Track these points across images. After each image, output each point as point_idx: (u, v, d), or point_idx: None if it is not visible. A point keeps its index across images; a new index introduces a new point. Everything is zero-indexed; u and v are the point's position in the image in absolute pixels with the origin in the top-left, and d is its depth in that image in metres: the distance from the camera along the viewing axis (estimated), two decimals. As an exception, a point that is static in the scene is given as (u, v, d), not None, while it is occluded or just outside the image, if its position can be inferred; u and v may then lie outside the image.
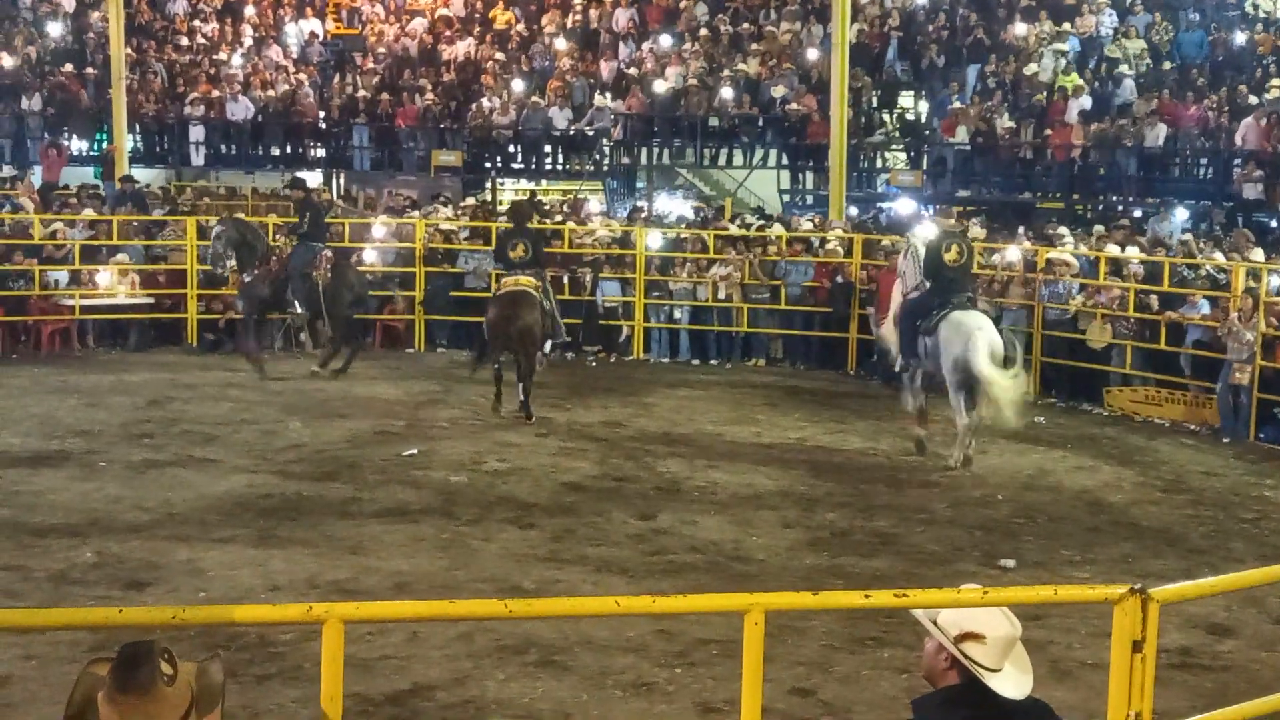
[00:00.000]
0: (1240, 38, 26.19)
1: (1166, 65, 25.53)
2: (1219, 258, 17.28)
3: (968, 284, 14.12)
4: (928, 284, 13.69)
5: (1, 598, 8.94)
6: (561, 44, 29.01)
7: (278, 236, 18.48)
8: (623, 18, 29.42)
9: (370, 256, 20.33)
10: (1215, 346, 15.73)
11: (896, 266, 14.89)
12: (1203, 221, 23.29)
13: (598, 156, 27.59)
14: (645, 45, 28.54)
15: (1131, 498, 12.62)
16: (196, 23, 30.40)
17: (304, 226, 17.46)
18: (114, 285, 19.45)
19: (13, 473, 12.16)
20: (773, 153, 27.15)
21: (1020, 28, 26.86)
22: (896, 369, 14.40)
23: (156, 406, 15.26)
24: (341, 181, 28.46)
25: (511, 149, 27.86)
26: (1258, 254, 17.54)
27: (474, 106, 27.57)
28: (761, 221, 21.72)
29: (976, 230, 20.15)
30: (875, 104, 27.11)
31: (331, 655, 3.88)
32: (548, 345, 15.94)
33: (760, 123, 26.74)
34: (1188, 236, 19.39)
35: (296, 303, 17.38)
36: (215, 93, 27.66)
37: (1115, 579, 9.66)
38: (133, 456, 12.89)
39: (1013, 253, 17.99)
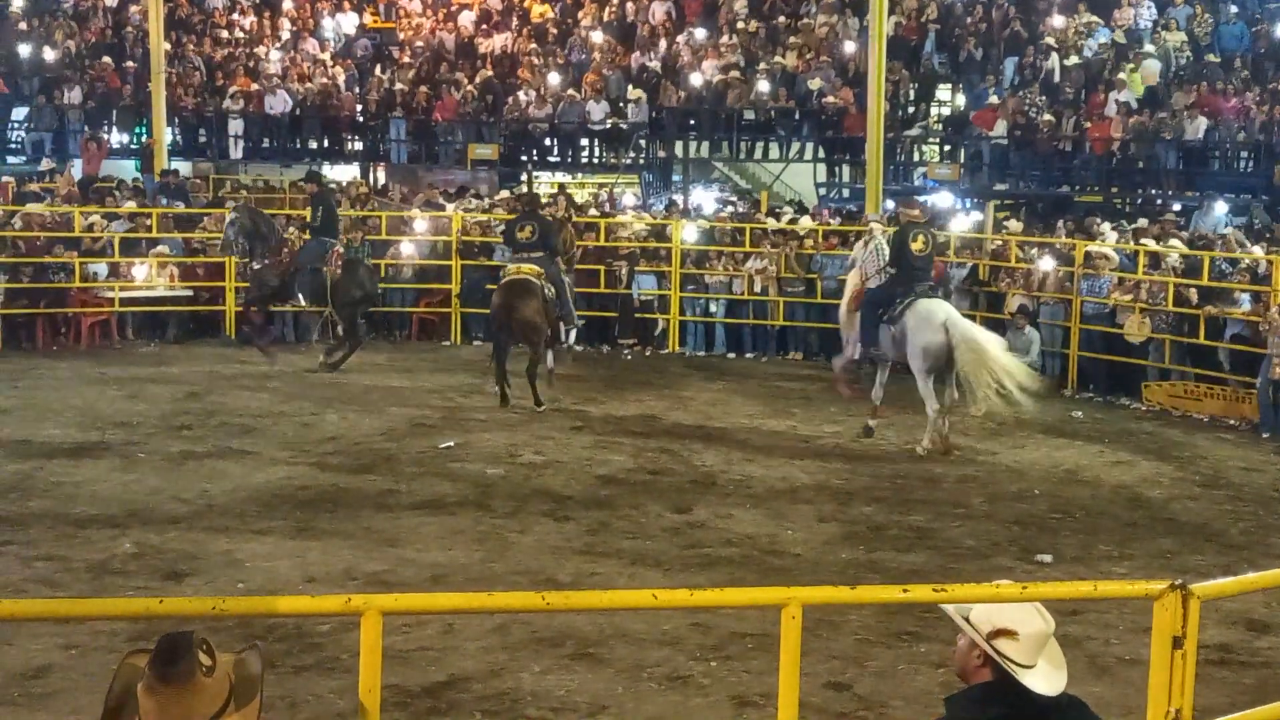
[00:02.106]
0: (1282, 29, 25.93)
1: (1210, 58, 25.20)
2: (1258, 251, 17.13)
3: (930, 273, 14.40)
4: (890, 272, 13.94)
5: (42, 588, 9.03)
6: (598, 37, 29.01)
7: (290, 229, 18.51)
8: (659, 11, 29.39)
9: (407, 249, 20.42)
10: (1255, 341, 15.61)
11: (852, 257, 15.29)
12: (1243, 215, 23.09)
13: (634, 152, 27.59)
14: (681, 38, 28.50)
15: (1170, 493, 12.54)
16: (235, 16, 30.55)
17: (317, 221, 17.47)
18: (153, 278, 19.58)
19: (53, 464, 12.26)
20: (809, 146, 27.07)
21: (1058, 20, 26.69)
22: (856, 356, 14.57)
23: (195, 398, 15.36)
24: (379, 175, 28.54)
25: (548, 142, 27.90)
26: (1299, 247, 17.39)
27: (510, 100, 27.61)
28: (793, 215, 21.67)
29: (1015, 225, 20.07)
30: (912, 97, 26.99)
31: (370, 647, 3.90)
32: (572, 335, 15.86)
33: (797, 116, 26.67)
34: (1228, 231, 19.22)
35: (301, 296, 17.43)
36: (254, 86, 27.80)
37: (1153, 575, 9.61)
38: (171, 448, 12.98)
39: (1046, 263, 17.87)
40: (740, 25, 28.17)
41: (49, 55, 28.10)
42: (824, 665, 7.88)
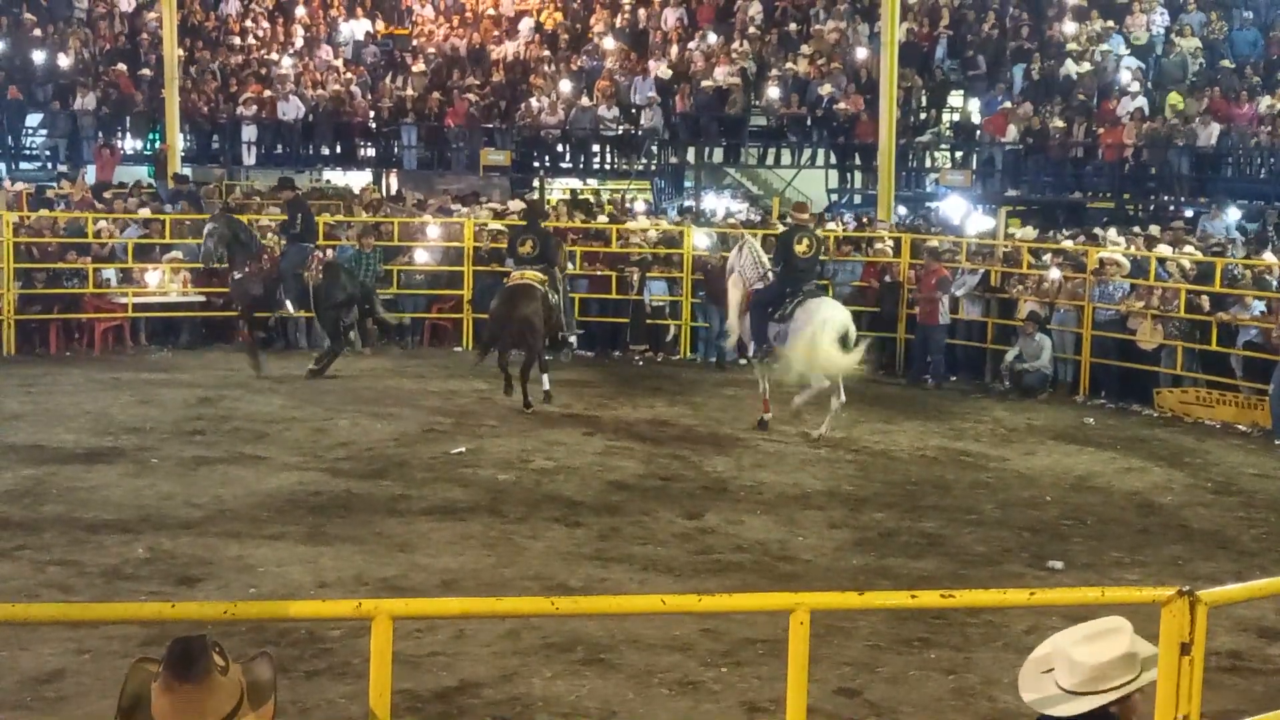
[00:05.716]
0: (1296, 35, 25.85)
1: (1225, 63, 25.10)
2: (1270, 258, 17.10)
3: (815, 274, 15.16)
4: (774, 275, 14.57)
5: (55, 592, 9.05)
6: (610, 43, 29.05)
7: (269, 236, 18.51)
8: (671, 17, 29.42)
9: (420, 256, 20.45)
10: (1267, 347, 15.59)
11: (729, 265, 15.68)
12: (1255, 221, 23.04)
13: (645, 158, 27.60)
14: (693, 44, 28.52)
15: (1182, 500, 12.52)
16: (248, 23, 30.63)
17: (296, 227, 17.46)
18: (165, 284, 19.63)
19: (67, 469, 12.30)
20: (821, 152, 27.08)
21: (1070, 27, 26.66)
22: (752, 354, 15.07)
23: (207, 404, 15.39)
24: (391, 181, 28.60)
25: (560, 148, 27.94)
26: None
27: (522, 106, 27.66)
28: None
29: (1028, 231, 20.05)
30: (924, 103, 26.99)
31: (380, 651, 3.91)
32: (573, 340, 16.40)
33: (808, 122, 26.68)
34: (1235, 236, 19.19)
35: (288, 303, 17.44)
36: (267, 93, 27.87)
37: (1165, 581, 9.57)
38: (184, 453, 13.01)
39: (1054, 274, 17.87)
40: (752, 31, 28.18)
41: (63, 62, 28.19)
42: (835, 671, 7.88)
